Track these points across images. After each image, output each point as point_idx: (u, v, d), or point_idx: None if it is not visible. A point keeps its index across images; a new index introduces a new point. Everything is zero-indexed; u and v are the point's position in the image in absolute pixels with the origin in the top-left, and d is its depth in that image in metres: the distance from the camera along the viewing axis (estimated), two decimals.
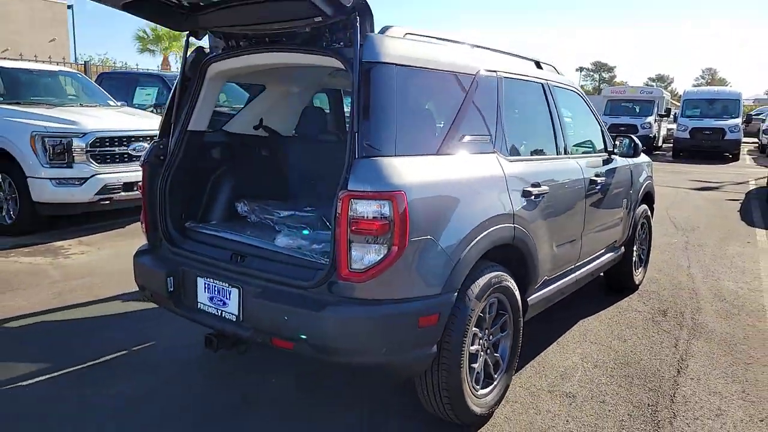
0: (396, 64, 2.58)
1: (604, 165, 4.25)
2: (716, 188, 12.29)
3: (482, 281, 2.77)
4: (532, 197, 3.16)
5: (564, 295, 3.84)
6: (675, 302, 4.95)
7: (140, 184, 3.30)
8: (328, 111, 4.72)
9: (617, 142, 4.51)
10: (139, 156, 7.14)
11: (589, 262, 4.16)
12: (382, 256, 2.39)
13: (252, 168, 3.72)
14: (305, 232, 3.08)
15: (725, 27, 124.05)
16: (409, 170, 2.48)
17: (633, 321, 4.50)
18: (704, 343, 4.10)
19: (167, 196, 3.21)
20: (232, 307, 2.76)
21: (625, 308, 4.79)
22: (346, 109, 4.78)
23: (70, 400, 3.15)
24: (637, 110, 21.13)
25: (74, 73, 8.91)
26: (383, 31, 2.70)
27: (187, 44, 3.22)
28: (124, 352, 3.73)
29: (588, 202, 3.88)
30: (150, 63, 28.83)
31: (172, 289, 2.98)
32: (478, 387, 2.91)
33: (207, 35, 3.22)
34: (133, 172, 7.06)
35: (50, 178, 6.52)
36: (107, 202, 6.91)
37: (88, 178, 6.66)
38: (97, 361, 3.59)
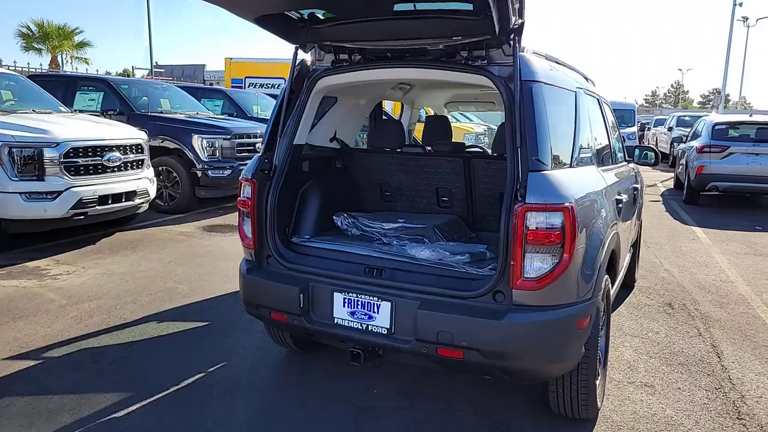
0: (543, 83, 2.74)
1: (632, 172, 4.65)
2: None
3: (603, 284, 3.00)
4: (620, 205, 3.44)
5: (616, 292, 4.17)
6: (672, 295, 5.48)
7: (243, 199, 3.18)
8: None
9: (635, 151, 4.95)
10: (113, 167, 6.72)
11: (623, 261, 4.54)
12: (553, 264, 2.54)
13: (335, 180, 3.71)
14: (442, 243, 3.14)
15: (588, 37, 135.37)
16: (568, 183, 2.65)
17: (650, 314, 4.95)
18: (720, 330, 4.62)
19: (276, 211, 3.14)
20: (382, 320, 2.78)
21: (636, 303, 5.24)
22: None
23: (177, 425, 2.98)
24: None
25: (15, 76, 8.13)
26: None
27: (295, 57, 3.16)
28: (202, 374, 3.56)
29: (634, 207, 4.25)
30: (34, 62, 26.53)
31: (302, 306, 2.93)
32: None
33: (313, 48, 3.19)
34: (108, 184, 6.63)
35: (20, 192, 5.94)
36: (82, 217, 6.41)
37: (61, 192, 6.14)
38: (181, 386, 3.40)
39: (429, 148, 3.93)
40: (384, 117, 4.08)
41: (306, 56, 3.26)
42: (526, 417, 3.17)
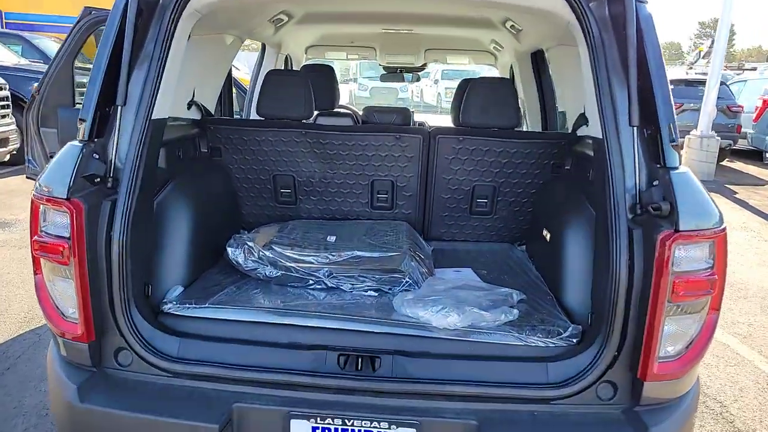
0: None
1: None
2: None
3: None
4: None
5: None
6: None
7: (52, 241, 1.44)
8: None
9: None
10: None
11: None
12: (697, 329, 1.49)
13: (202, 178, 2.12)
14: (436, 281, 1.82)
15: None
16: None
17: None
18: None
19: (128, 255, 1.51)
20: None
21: None
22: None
23: None
24: None
25: None
26: None
27: None
28: None
29: None
30: None
31: None
32: None
33: None
34: None
35: None
36: None
37: None
38: None
39: (360, 117, 2.54)
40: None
41: None
42: None
